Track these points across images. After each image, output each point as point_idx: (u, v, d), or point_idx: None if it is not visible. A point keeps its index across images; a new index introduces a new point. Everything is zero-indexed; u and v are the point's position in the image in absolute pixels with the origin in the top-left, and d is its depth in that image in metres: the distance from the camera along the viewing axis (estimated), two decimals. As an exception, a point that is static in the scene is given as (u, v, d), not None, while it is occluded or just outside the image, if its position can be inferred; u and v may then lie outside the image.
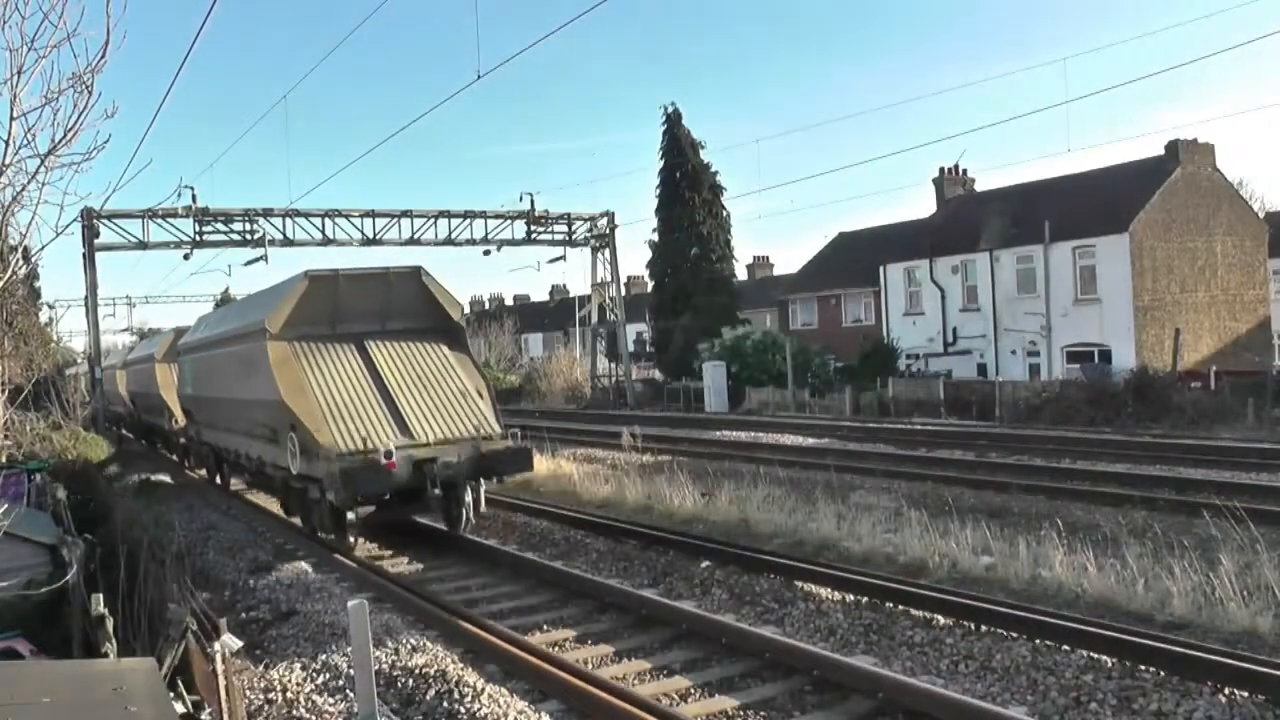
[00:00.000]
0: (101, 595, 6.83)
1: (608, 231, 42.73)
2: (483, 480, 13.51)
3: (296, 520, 14.80)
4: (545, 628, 9.52)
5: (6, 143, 4.79)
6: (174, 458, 25.73)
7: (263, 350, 13.51)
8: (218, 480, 20.52)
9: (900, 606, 9.03)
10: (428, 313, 14.68)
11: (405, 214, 37.77)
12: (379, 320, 14.36)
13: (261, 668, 8.02)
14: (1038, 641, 7.83)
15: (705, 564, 11.22)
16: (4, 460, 14.97)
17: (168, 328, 34.64)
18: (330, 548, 13.28)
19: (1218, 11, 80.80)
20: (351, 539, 13.11)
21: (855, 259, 47.18)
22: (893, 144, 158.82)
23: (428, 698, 7.14)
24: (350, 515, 12.84)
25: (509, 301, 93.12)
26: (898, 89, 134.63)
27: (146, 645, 6.46)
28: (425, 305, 14.67)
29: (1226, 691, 6.64)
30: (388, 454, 12.08)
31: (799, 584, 10.06)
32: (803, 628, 9.07)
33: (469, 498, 13.37)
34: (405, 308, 14.58)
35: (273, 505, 16.98)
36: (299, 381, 13.12)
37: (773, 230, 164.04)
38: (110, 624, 6.40)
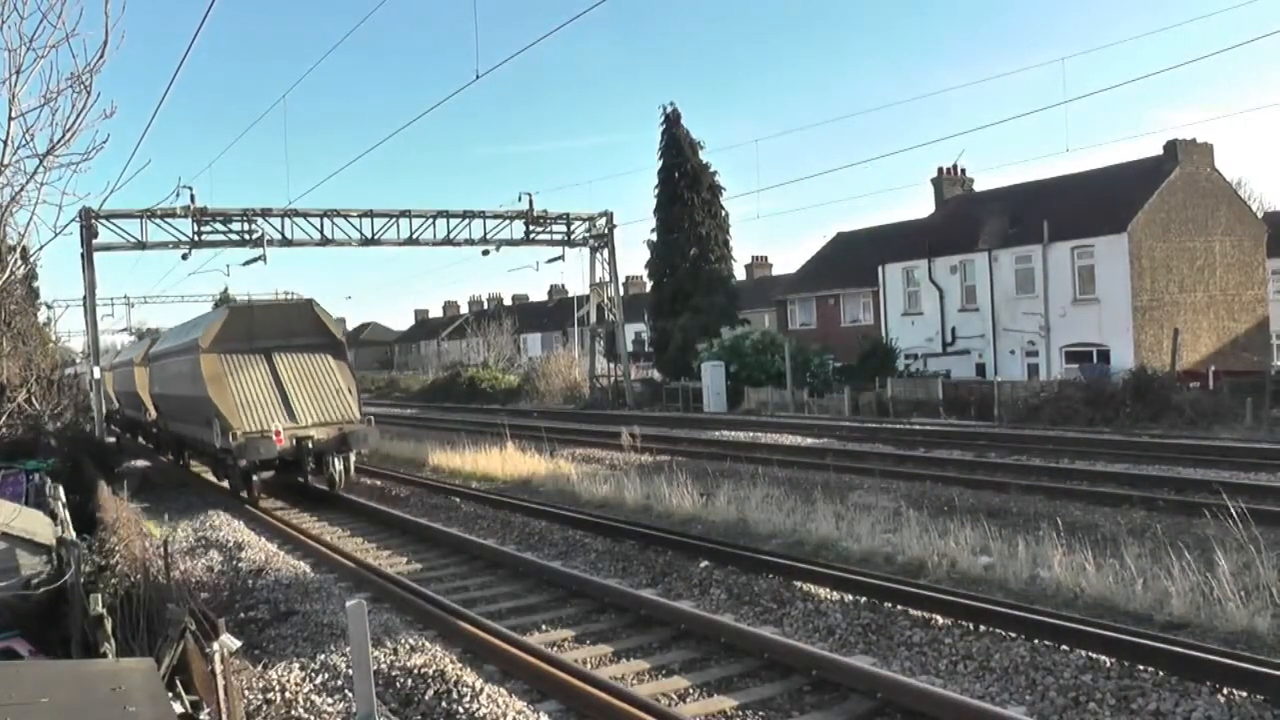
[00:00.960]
0: (100, 595, 6.82)
1: (606, 231, 42.71)
2: (351, 455, 18.40)
3: (225, 484, 19.65)
4: (544, 627, 9.53)
5: (5, 142, 4.78)
6: (150, 446, 29.54)
7: (198, 361, 18.31)
8: (180, 462, 25.06)
9: (899, 606, 9.03)
10: (318, 332, 19.65)
11: (404, 214, 37.75)
12: (283, 338, 19.13)
13: (260, 668, 8.01)
14: (1036, 641, 7.83)
15: (704, 564, 11.22)
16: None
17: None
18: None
19: (1217, 11, 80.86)
20: (256, 494, 18.12)
21: (854, 259, 47.19)
22: (891, 144, 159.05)
23: (426, 698, 7.14)
24: (255, 478, 18.02)
25: (508, 301, 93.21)
26: (897, 89, 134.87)
27: (145, 645, 6.45)
28: (316, 327, 19.71)
29: (1225, 691, 6.64)
30: (276, 432, 17.30)
31: (798, 584, 10.06)
32: (801, 628, 9.07)
33: (340, 465, 18.15)
34: (302, 329, 19.45)
35: (268, 504, 18.54)
36: (222, 383, 17.96)
37: (771, 230, 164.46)
38: (109, 624, 6.40)
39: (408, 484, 20.08)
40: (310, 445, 17.67)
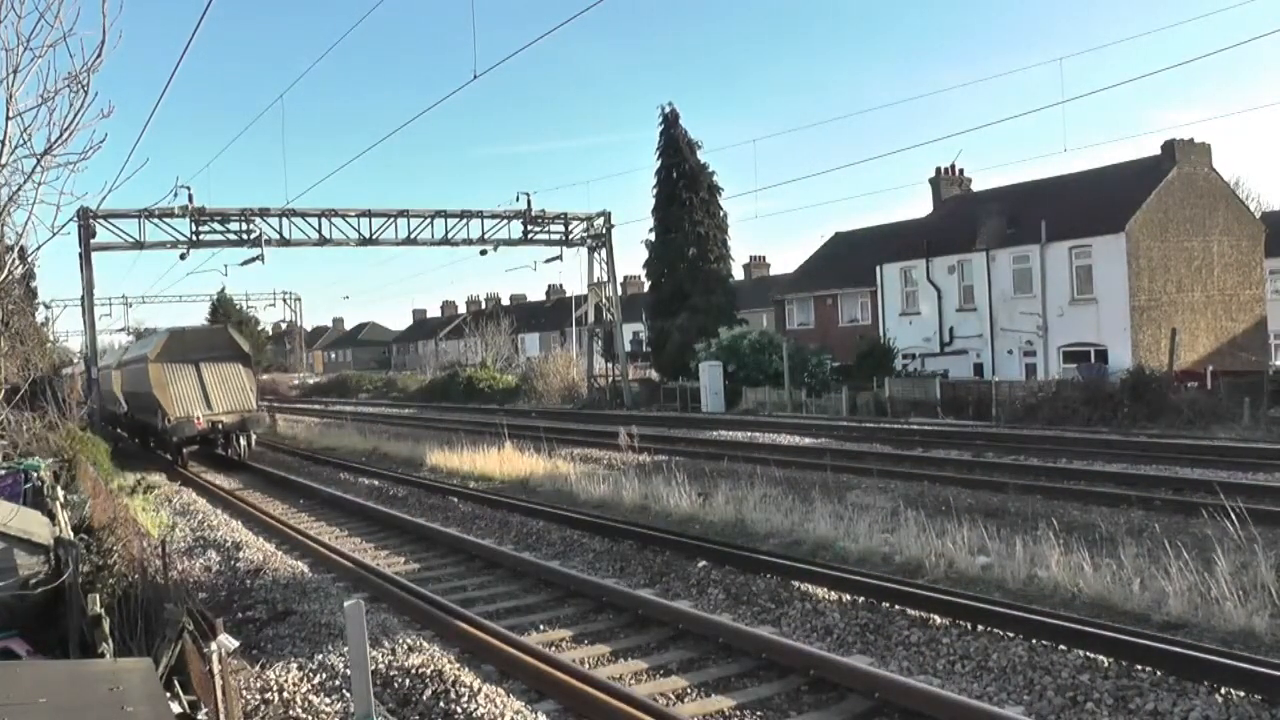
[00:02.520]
0: (98, 595, 6.81)
1: (604, 231, 42.71)
2: (251, 434, 26.19)
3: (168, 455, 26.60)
4: (542, 627, 9.52)
5: (2, 142, 4.77)
6: (124, 434, 33.52)
7: (146, 369, 25.76)
8: (136, 440, 31.86)
9: (897, 606, 9.03)
10: (231, 348, 27.34)
11: (402, 214, 37.77)
12: (207, 352, 26.62)
13: (258, 668, 8.00)
14: (1034, 641, 7.84)
15: (702, 564, 11.22)
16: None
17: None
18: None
19: (1215, 11, 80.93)
20: (184, 460, 25.51)
21: (852, 259, 47.21)
22: (890, 144, 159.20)
23: (424, 697, 7.13)
24: (184, 450, 25.59)
25: (505, 301, 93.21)
26: (895, 89, 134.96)
27: (143, 645, 6.44)
28: (230, 344, 27.52)
29: (1223, 691, 6.65)
30: (197, 418, 24.77)
31: (795, 584, 10.06)
32: (799, 627, 9.07)
33: (243, 442, 25.89)
34: (220, 346, 27.31)
35: (267, 505, 18.79)
36: (164, 384, 25.35)
37: (769, 230, 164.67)
38: (107, 624, 6.38)
39: (405, 484, 20.07)
40: (220, 427, 25.36)
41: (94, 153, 5.08)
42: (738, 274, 51.82)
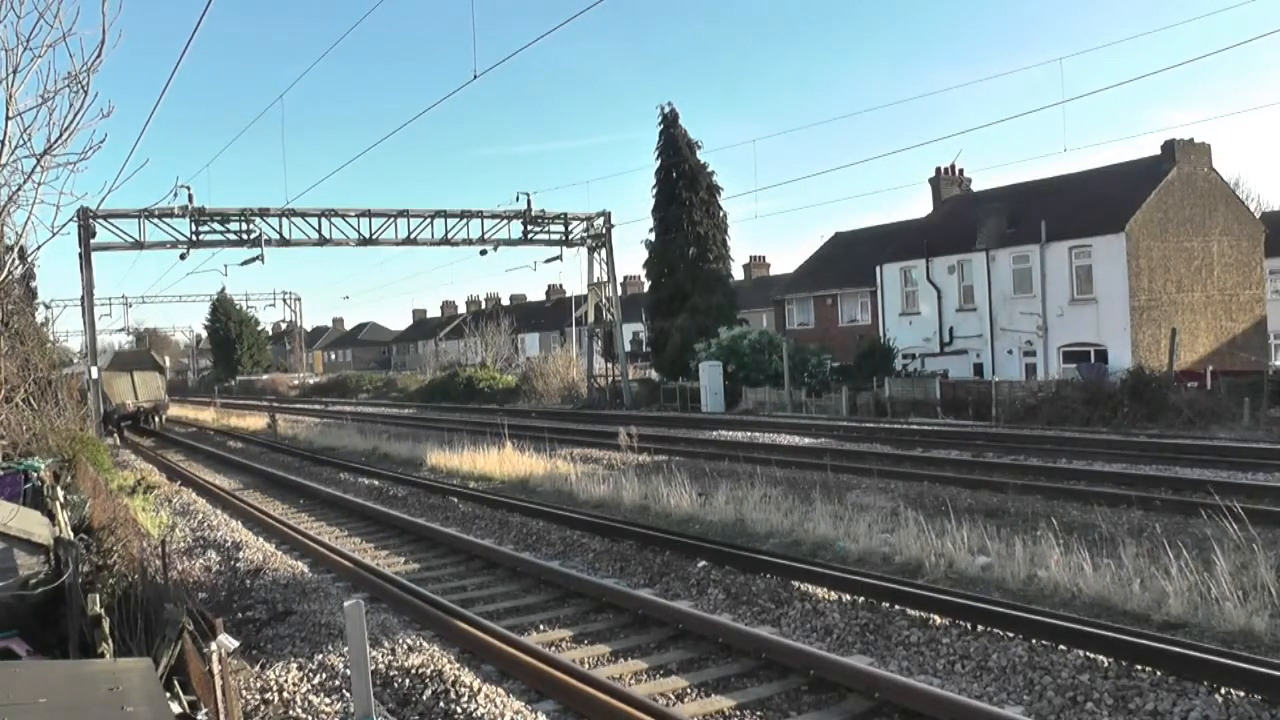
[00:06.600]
0: (98, 595, 6.81)
1: (604, 231, 42.73)
2: (163, 414, 42.56)
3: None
4: (542, 627, 9.52)
5: (2, 142, 4.77)
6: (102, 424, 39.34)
7: (102, 375, 35.92)
8: (113, 428, 39.78)
9: (897, 606, 9.03)
10: (152, 362, 44.81)
11: (402, 214, 37.82)
12: (137, 364, 42.44)
13: (258, 668, 7.99)
14: (1034, 641, 7.84)
15: (701, 564, 11.22)
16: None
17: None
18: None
19: (1215, 11, 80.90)
20: (123, 431, 39.16)
21: (852, 259, 47.22)
22: (889, 144, 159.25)
23: (424, 698, 7.13)
24: (122, 423, 39.75)
25: (505, 301, 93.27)
26: (895, 90, 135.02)
27: (143, 645, 6.44)
28: (151, 361, 45.28)
29: (1222, 691, 6.65)
30: (127, 404, 40.01)
31: (795, 584, 10.05)
32: (799, 627, 9.07)
33: (157, 419, 41.81)
34: (145, 360, 44.41)
35: (267, 505, 18.82)
36: (112, 384, 39.01)
37: (769, 230, 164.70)
38: (107, 624, 6.38)
39: (405, 484, 20.06)
40: (142, 410, 40.03)
41: (94, 153, 5.09)
42: (738, 274, 51.82)
